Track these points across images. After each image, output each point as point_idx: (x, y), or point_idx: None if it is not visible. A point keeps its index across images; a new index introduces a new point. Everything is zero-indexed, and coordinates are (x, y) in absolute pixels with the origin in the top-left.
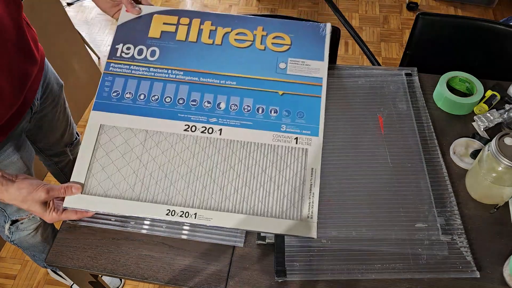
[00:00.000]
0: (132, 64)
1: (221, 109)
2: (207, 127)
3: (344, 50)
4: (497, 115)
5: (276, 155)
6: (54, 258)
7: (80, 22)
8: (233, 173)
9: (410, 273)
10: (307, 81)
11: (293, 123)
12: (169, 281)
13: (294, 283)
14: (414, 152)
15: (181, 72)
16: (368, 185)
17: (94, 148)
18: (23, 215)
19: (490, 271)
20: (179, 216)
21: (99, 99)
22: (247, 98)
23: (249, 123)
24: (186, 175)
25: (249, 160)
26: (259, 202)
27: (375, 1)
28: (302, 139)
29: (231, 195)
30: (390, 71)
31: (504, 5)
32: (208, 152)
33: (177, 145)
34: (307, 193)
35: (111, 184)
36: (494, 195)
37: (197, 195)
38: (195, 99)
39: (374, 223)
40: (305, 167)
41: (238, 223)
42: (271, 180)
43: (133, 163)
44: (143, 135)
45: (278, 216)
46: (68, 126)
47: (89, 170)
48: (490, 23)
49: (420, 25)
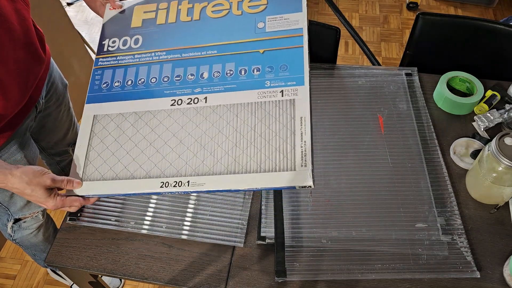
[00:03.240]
0: (118, 55)
1: (204, 78)
2: (192, 98)
3: (344, 50)
4: (497, 115)
5: (263, 111)
6: (54, 258)
7: (80, 22)
8: (221, 137)
9: (410, 273)
10: (287, 34)
11: (277, 78)
12: (169, 281)
13: (294, 283)
14: (414, 152)
15: (164, 52)
16: (368, 185)
17: (89, 137)
18: (26, 214)
19: (490, 271)
20: (172, 187)
21: (91, 92)
22: (229, 63)
23: (233, 86)
24: (176, 146)
25: (236, 121)
26: (251, 160)
27: (375, 1)
28: (287, 91)
29: (222, 157)
30: (390, 71)
31: (504, 5)
32: (196, 121)
33: (166, 120)
34: (299, 142)
35: (107, 168)
36: (494, 195)
37: (189, 164)
38: (179, 74)
39: (374, 223)
40: (294, 117)
41: (231, 184)
42: (260, 136)
43: (126, 144)
44: (133, 117)
45: (271, 170)
46: (71, 126)
47: (86, 158)
48: (490, 23)
49: (420, 25)
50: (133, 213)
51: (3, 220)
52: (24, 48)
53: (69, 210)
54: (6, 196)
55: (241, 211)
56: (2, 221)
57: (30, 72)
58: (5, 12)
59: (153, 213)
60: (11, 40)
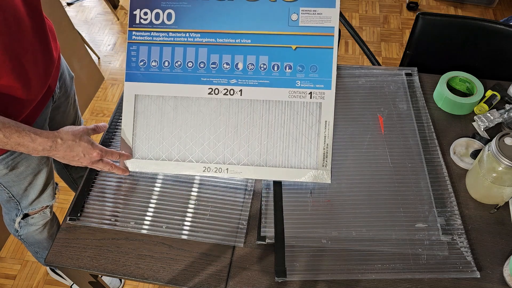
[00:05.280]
0: (152, 30)
1: (239, 69)
2: (228, 89)
3: (344, 50)
4: (497, 115)
5: (292, 111)
6: (54, 258)
7: (80, 22)
8: (255, 130)
9: (410, 273)
10: (319, 32)
11: (307, 78)
12: (169, 281)
13: (294, 283)
14: (414, 152)
15: (198, 34)
16: (368, 185)
17: (134, 116)
18: (36, 208)
19: (490, 271)
20: (213, 172)
21: (129, 69)
22: (262, 56)
23: (266, 82)
24: (215, 134)
25: (269, 117)
26: (280, 155)
27: (375, 1)
28: (316, 93)
29: (256, 149)
30: (390, 71)
31: (504, 5)
32: (232, 112)
33: (204, 108)
34: (322, 144)
35: (153, 148)
36: (494, 195)
37: (227, 152)
38: (215, 61)
39: (374, 223)
40: (319, 120)
41: (263, 175)
42: (289, 134)
43: (168, 127)
44: (173, 101)
45: (297, 167)
46: (76, 120)
47: (134, 135)
48: (490, 23)
49: (420, 25)
50: (133, 213)
51: (12, 215)
52: (41, 38)
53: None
54: (20, 189)
55: (241, 211)
56: (11, 216)
57: (49, 61)
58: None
59: (153, 213)
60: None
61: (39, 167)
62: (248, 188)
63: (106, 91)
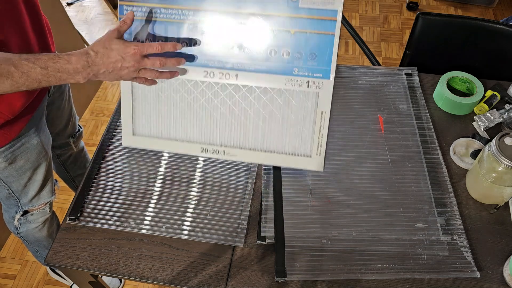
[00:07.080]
0: (144, 5)
1: (235, 52)
2: (224, 73)
3: (344, 50)
4: (497, 115)
5: (289, 98)
6: (54, 258)
7: (80, 22)
8: (251, 115)
9: (410, 273)
10: (321, 16)
11: (305, 66)
12: (169, 281)
13: (294, 283)
14: (414, 152)
15: (191, 12)
16: (368, 185)
17: (132, 96)
18: (36, 205)
19: (490, 271)
20: (211, 153)
21: None
22: (260, 38)
23: (263, 67)
24: (211, 117)
25: (265, 103)
26: (276, 140)
27: (375, 1)
28: (313, 83)
29: (251, 133)
30: (390, 71)
31: (504, 5)
32: (227, 96)
33: (200, 90)
34: (317, 133)
35: (152, 127)
36: (494, 195)
37: (223, 135)
38: (209, 42)
39: (374, 223)
40: (316, 109)
41: (258, 159)
42: (284, 120)
43: (166, 106)
44: (168, 81)
45: (291, 153)
46: (71, 116)
47: (133, 116)
48: (490, 23)
49: (420, 25)
50: (133, 213)
51: (11, 213)
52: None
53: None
54: (20, 185)
55: (241, 211)
56: (10, 213)
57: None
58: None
59: (153, 213)
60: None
61: (38, 161)
62: (248, 188)
63: (106, 91)
